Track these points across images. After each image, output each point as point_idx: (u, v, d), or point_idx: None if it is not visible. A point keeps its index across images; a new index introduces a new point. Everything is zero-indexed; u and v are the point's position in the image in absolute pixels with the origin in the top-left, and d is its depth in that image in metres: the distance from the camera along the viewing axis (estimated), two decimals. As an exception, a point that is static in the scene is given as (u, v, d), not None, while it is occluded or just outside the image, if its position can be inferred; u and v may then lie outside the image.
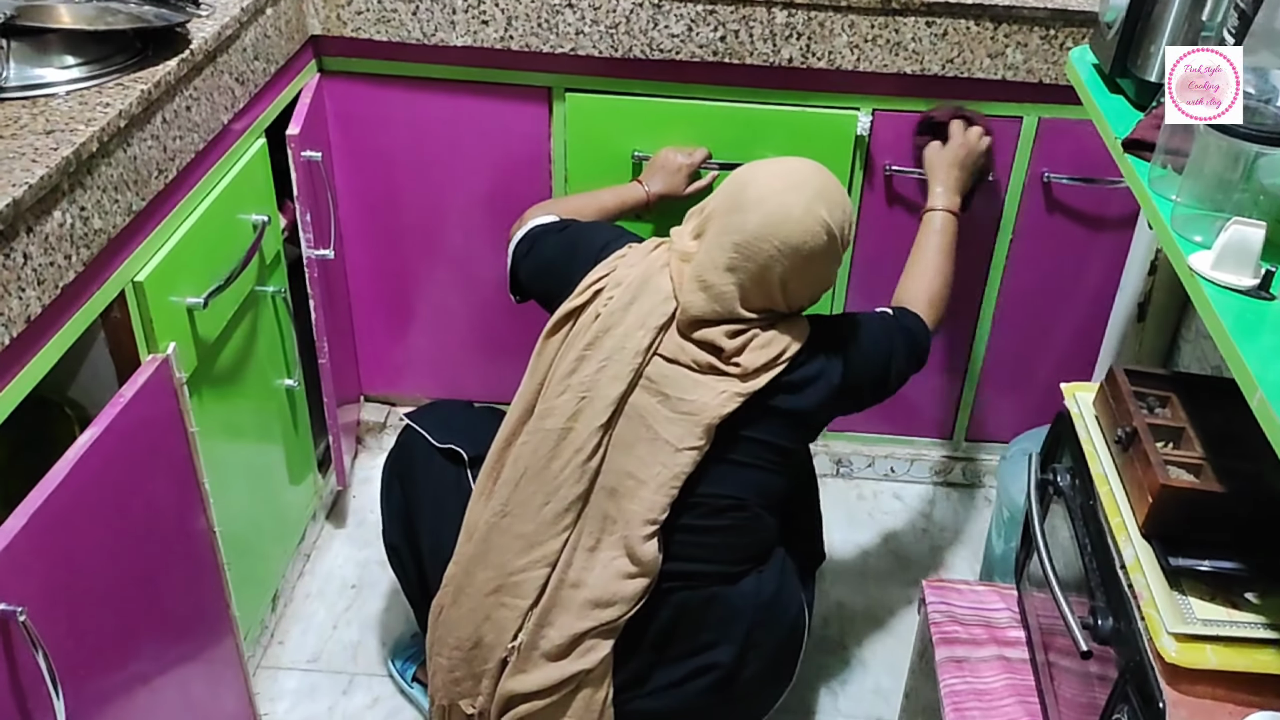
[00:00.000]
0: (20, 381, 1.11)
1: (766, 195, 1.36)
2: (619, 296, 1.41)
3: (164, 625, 1.38)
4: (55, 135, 1.16)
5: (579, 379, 1.39)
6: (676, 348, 1.39)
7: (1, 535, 1.07)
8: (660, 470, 1.38)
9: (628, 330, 1.39)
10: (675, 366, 1.39)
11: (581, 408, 1.39)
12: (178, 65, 1.36)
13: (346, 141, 1.93)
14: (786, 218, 1.34)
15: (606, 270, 1.45)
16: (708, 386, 1.37)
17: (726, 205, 1.39)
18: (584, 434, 1.39)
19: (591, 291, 1.44)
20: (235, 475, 1.63)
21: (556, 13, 1.77)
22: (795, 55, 1.78)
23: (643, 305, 1.40)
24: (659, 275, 1.41)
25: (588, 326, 1.41)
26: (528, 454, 1.41)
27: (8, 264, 1.06)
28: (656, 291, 1.40)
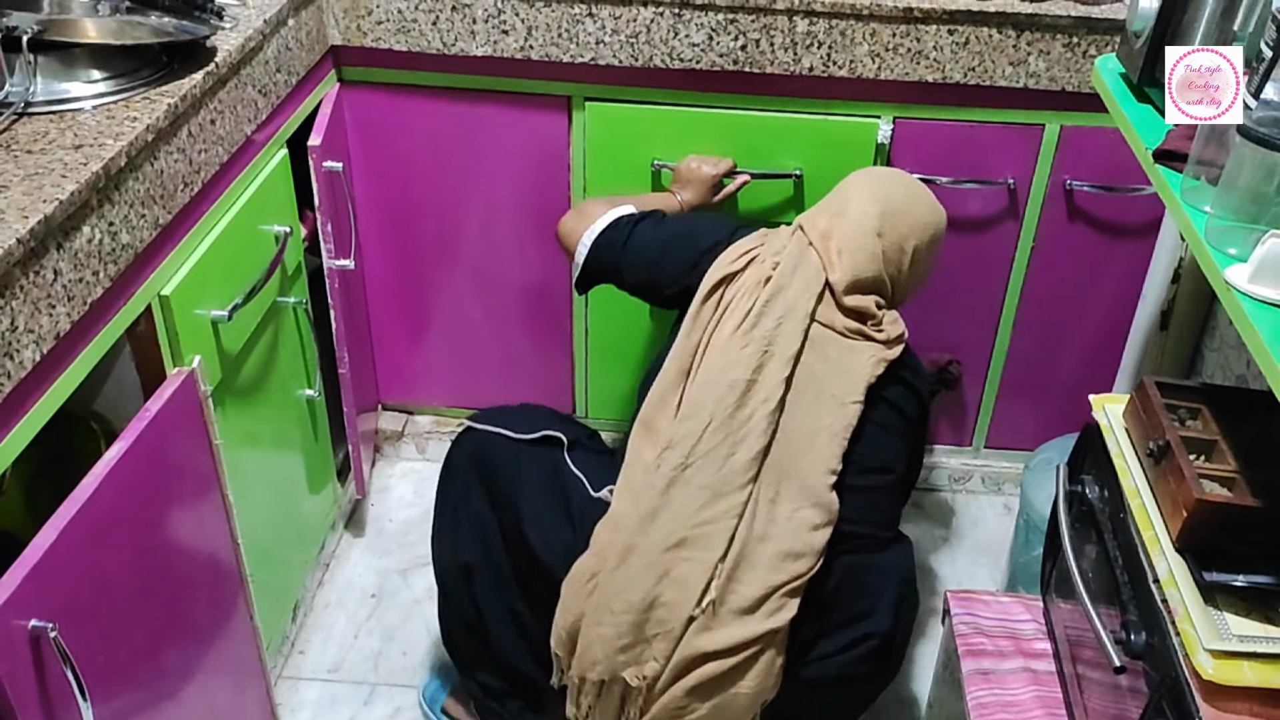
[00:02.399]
0: (50, 398, 1.11)
1: (903, 179, 1.61)
2: (785, 263, 1.48)
3: (188, 637, 1.38)
4: (84, 150, 1.16)
5: (760, 333, 1.44)
6: (831, 315, 1.48)
7: (32, 552, 1.07)
8: (832, 421, 1.43)
9: (797, 293, 1.46)
10: (831, 332, 1.47)
11: (765, 360, 1.43)
12: (203, 78, 1.36)
13: (366, 151, 1.93)
14: (922, 196, 1.59)
15: (757, 243, 1.53)
16: (859, 351, 1.47)
17: (866, 183, 1.57)
18: (770, 384, 1.42)
19: (746, 260, 1.50)
20: (257, 486, 1.63)
21: (577, 22, 1.77)
22: (816, 64, 1.78)
23: (805, 273, 1.48)
24: (808, 251, 1.50)
25: (753, 288, 1.47)
26: (711, 404, 1.42)
27: (38, 281, 1.06)
28: (810, 264, 1.49)
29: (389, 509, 2.15)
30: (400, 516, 2.13)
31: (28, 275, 1.04)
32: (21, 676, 1.04)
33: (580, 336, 2.11)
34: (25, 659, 1.04)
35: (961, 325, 2.03)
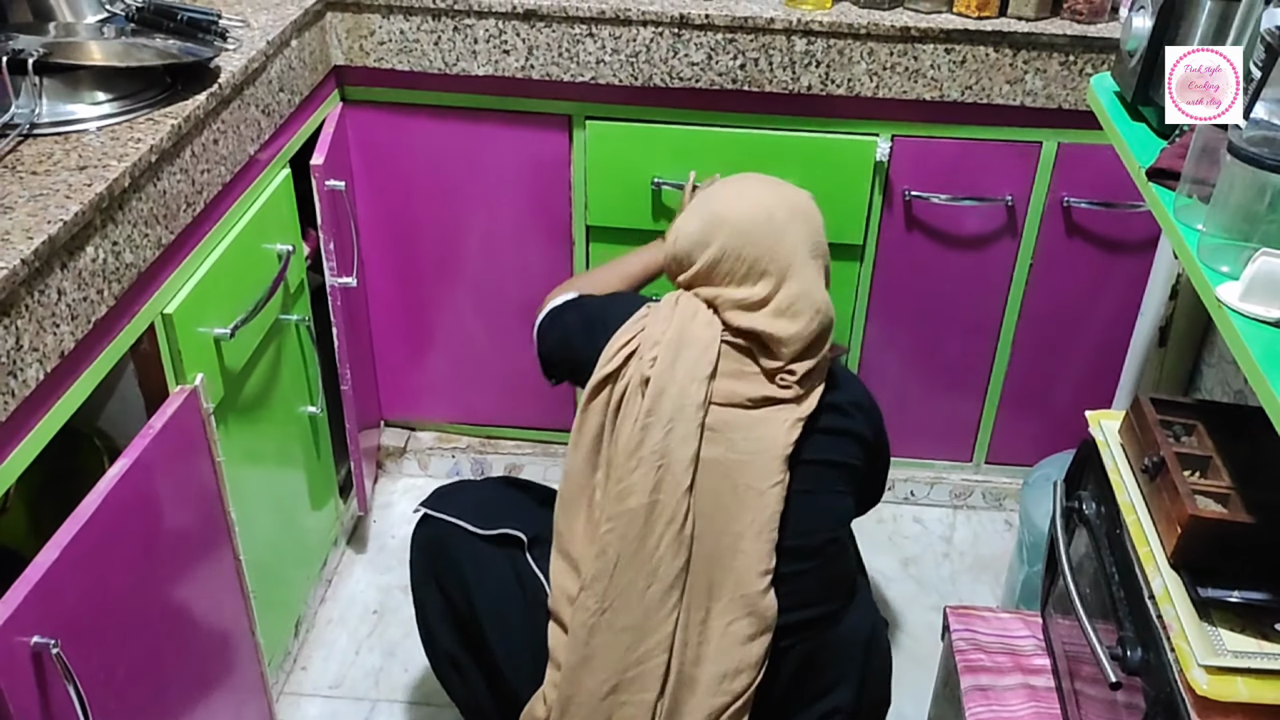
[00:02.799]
0: (54, 415, 1.12)
1: (769, 181, 1.46)
2: (663, 355, 1.34)
3: (191, 654, 1.39)
4: (88, 171, 1.18)
5: (649, 449, 1.32)
6: (731, 389, 1.35)
7: (35, 569, 1.07)
8: (754, 517, 1.32)
9: (682, 387, 1.33)
10: (733, 410, 1.34)
11: (661, 477, 1.32)
12: (206, 99, 1.37)
13: (369, 170, 1.94)
14: (788, 188, 1.45)
15: (634, 332, 1.39)
16: (769, 421, 1.34)
17: (727, 232, 1.37)
18: (671, 503, 1.32)
19: (624, 355, 1.37)
20: (259, 502, 1.64)
21: (577, 42, 1.78)
22: (815, 82, 1.79)
23: (688, 359, 1.34)
24: (692, 325, 1.36)
25: (636, 393, 1.35)
26: (615, 540, 1.33)
27: (42, 300, 1.07)
28: (695, 343, 1.35)
29: (391, 525, 2.15)
30: (402, 533, 2.14)
31: (32, 295, 1.05)
32: (24, 693, 1.04)
33: (581, 353, 2.12)
34: (27, 675, 1.05)
35: (961, 341, 2.04)
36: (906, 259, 1.96)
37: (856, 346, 2.06)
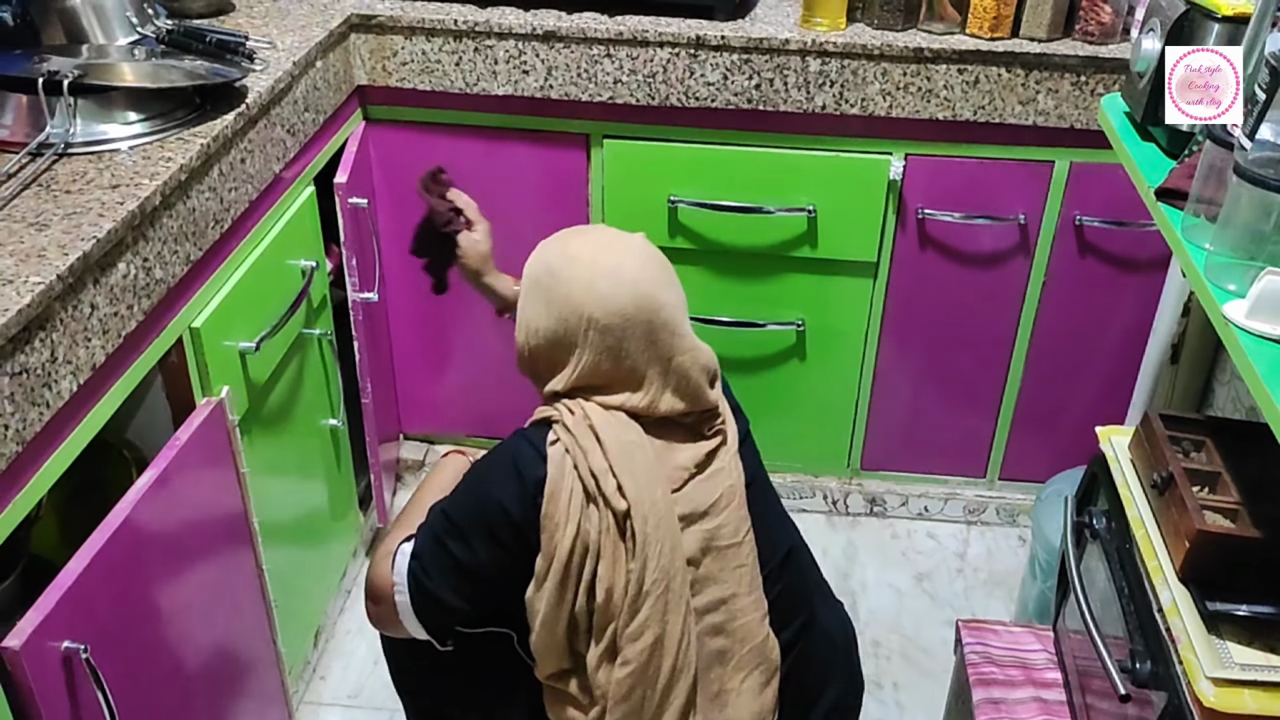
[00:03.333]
0: (85, 427, 1.16)
1: (594, 284, 1.21)
2: (626, 482, 1.19)
3: (214, 662, 1.42)
4: (121, 190, 1.21)
5: (651, 580, 1.20)
6: (675, 473, 1.23)
7: (66, 576, 1.10)
8: (742, 574, 1.26)
9: (654, 501, 1.19)
10: (690, 485, 1.24)
11: (667, 600, 1.21)
12: (234, 119, 1.41)
13: (391, 187, 1.98)
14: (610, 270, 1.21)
15: (566, 481, 1.19)
16: (719, 472, 1.26)
17: (623, 272, 1.20)
18: (679, 622, 1.22)
19: (576, 514, 1.19)
20: (281, 513, 1.67)
21: (595, 63, 1.82)
22: (829, 102, 1.82)
23: (643, 470, 1.20)
24: (623, 433, 1.21)
25: (612, 536, 1.20)
26: (637, 678, 1.22)
27: (76, 315, 1.10)
28: (635, 449, 1.21)
29: (409, 537, 2.18)
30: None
31: (66, 309, 1.08)
32: (54, 696, 1.07)
33: (598, 368, 2.14)
34: (58, 679, 1.08)
35: (974, 359, 2.06)
36: (920, 277, 1.98)
37: (870, 364, 2.08)
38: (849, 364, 2.08)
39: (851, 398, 2.12)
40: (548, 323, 1.21)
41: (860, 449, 2.19)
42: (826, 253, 1.96)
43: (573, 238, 1.27)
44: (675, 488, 1.23)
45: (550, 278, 1.22)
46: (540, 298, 1.22)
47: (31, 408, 1.04)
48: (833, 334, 2.05)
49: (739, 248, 1.97)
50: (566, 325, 1.20)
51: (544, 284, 1.22)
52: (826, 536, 2.20)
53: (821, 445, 2.19)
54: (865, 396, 2.12)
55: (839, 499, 2.24)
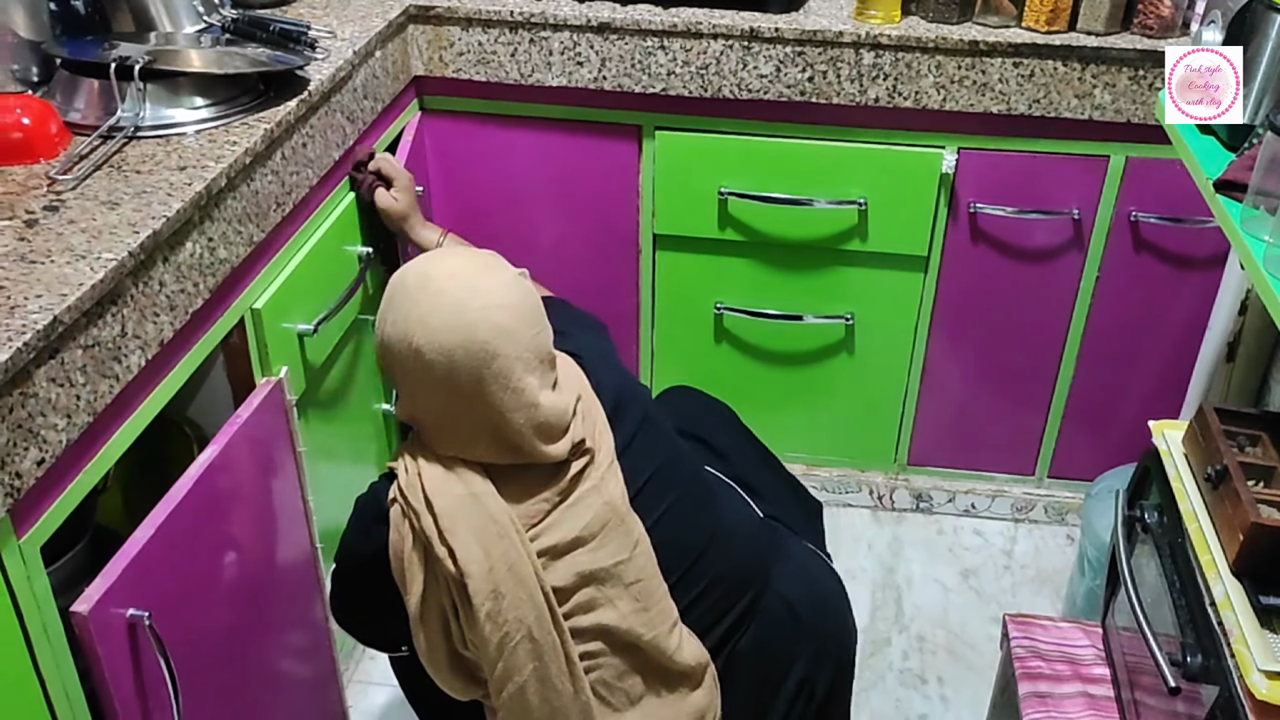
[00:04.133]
0: (152, 401, 1.19)
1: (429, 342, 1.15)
2: (464, 555, 1.15)
3: (269, 636, 1.45)
4: (188, 171, 1.24)
5: (509, 627, 1.17)
6: (537, 506, 1.19)
7: (131, 546, 1.14)
8: (638, 585, 1.21)
9: (494, 560, 1.16)
10: (552, 515, 1.20)
11: (529, 646, 1.18)
12: (297, 105, 1.44)
13: (444, 176, 2.01)
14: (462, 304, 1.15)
15: (405, 558, 1.19)
16: (590, 493, 1.20)
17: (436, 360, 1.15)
18: (554, 663, 1.19)
19: (420, 587, 1.19)
20: (334, 493, 1.70)
21: (649, 54, 1.83)
22: (882, 95, 1.82)
23: (470, 543, 1.15)
24: (472, 507, 1.17)
25: (462, 599, 1.17)
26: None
27: (146, 291, 1.13)
28: (477, 514, 1.17)
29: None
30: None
31: (137, 285, 1.12)
32: (119, 662, 1.11)
33: (646, 358, 2.16)
34: (123, 645, 1.11)
35: (1024, 354, 2.04)
36: (971, 271, 1.97)
37: (919, 359, 2.08)
38: (897, 359, 2.08)
39: (899, 393, 2.12)
40: (389, 338, 1.17)
41: (907, 444, 2.19)
42: (877, 246, 1.96)
43: (442, 259, 1.21)
44: (534, 523, 1.18)
45: (400, 292, 1.17)
46: (390, 314, 1.18)
47: (102, 380, 1.07)
48: (881, 328, 2.05)
49: (788, 240, 1.97)
50: (399, 348, 1.16)
51: (395, 297, 1.18)
52: (872, 531, 2.20)
53: (868, 440, 2.19)
54: (913, 392, 2.12)
55: (885, 494, 2.24)
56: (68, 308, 1.00)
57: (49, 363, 0.99)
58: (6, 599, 0.98)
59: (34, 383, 0.97)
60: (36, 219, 1.13)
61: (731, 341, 2.11)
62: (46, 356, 0.98)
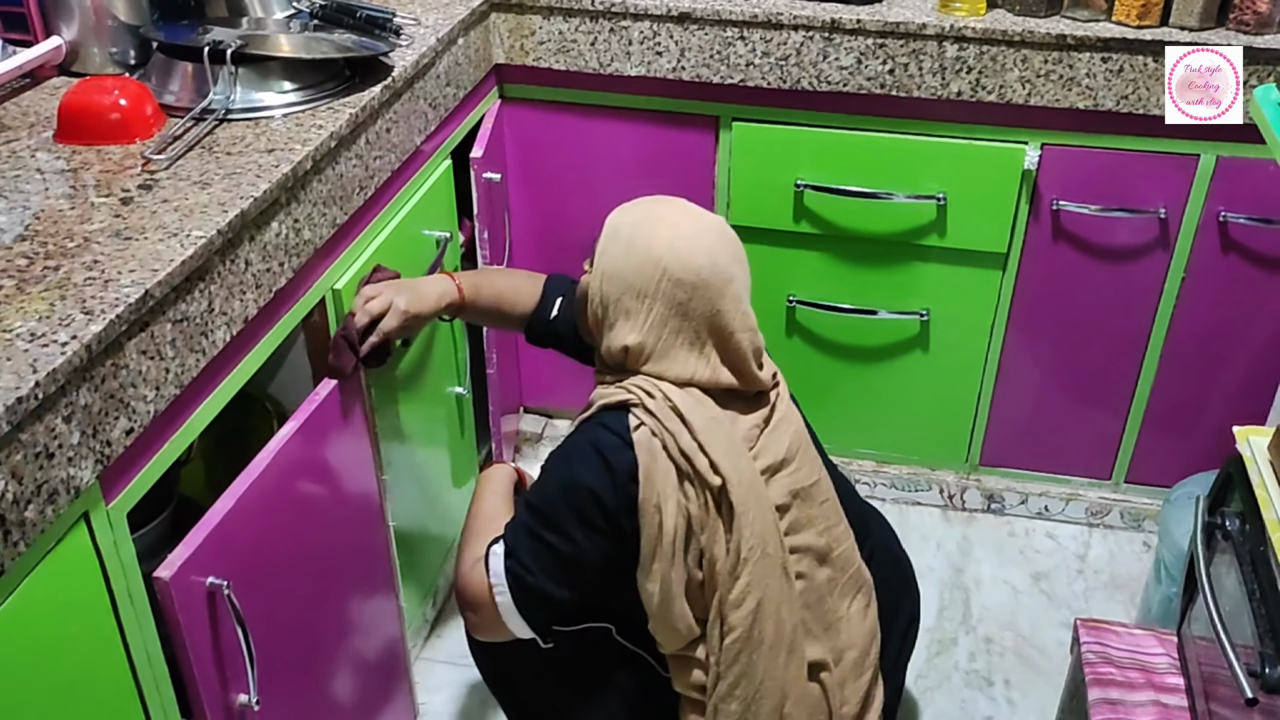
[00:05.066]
0: (235, 377, 1.22)
1: (664, 241, 1.28)
2: (719, 457, 1.25)
3: (340, 609, 1.48)
4: (276, 154, 1.28)
5: (748, 549, 1.25)
6: (751, 432, 1.31)
7: (212, 516, 1.17)
8: (828, 504, 1.36)
9: (742, 472, 1.26)
10: (761, 440, 1.31)
11: (765, 566, 1.26)
12: (381, 91, 1.46)
13: (523, 164, 2.03)
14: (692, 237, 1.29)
15: (658, 464, 1.24)
16: (783, 421, 1.34)
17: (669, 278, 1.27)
18: (778, 584, 1.28)
19: (673, 493, 1.25)
20: (406, 474, 1.73)
21: (728, 45, 1.83)
22: (964, 89, 1.79)
23: (723, 440, 1.26)
24: (699, 410, 1.27)
25: (707, 513, 1.25)
26: (742, 644, 1.27)
27: (233, 269, 1.17)
28: (715, 423, 1.27)
29: (525, 508, 2.23)
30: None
31: (224, 263, 1.15)
32: (198, 628, 1.14)
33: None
34: (202, 613, 1.15)
35: (1105, 356, 2.00)
36: (1051, 270, 1.93)
37: (994, 357, 2.04)
38: (972, 356, 2.05)
39: (973, 391, 2.09)
40: (624, 268, 1.28)
41: (980, 444, 2.16)
42: (954, 242, 1.93)
43: (659, 203, 1.35)
44: (749, 446, 1.30)
45: (632, 229, 1.30)
46: (620, 246, 1.29)
47: (189, 354, 1.11)
48: (957, 325, 2.02)
49: (864, 234, 1.96)
50: (642, 273, 1.27)
51: (625, 235, 1.30)
52: (941, 530, 2.17)
53: (939, 438, 2.17)
54: (988, 390, 2.08)
55: (955, 494, 2.21)
56: (158, 282, 1.03)
57: (140, 335, 1.02)
58: (95, 563, 1.02)
59: (125, 354, 1.00)
60: (132, 197, 1.17)
61: (803, 335, 2.10)
62: (138, 329, 1.02)
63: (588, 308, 1.34)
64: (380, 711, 1.66)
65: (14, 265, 1.04)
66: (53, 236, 1.09)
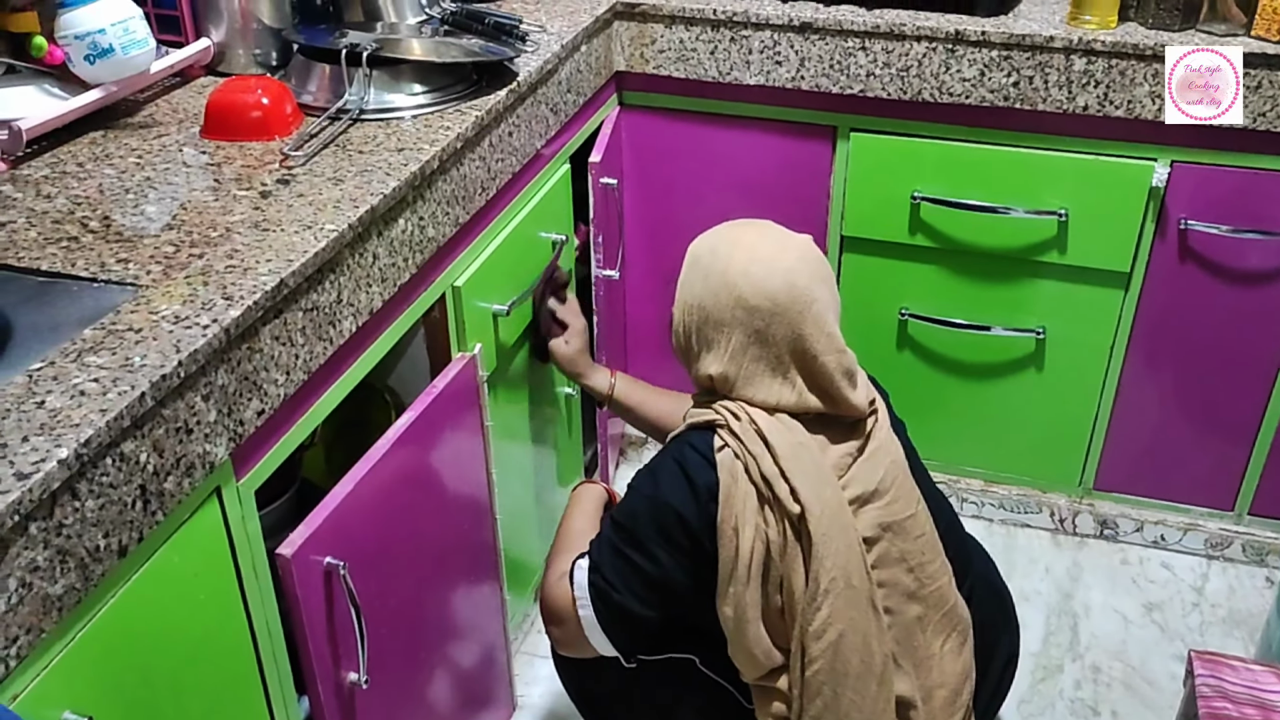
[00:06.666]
0: (359, 366, 1.27)
1: (748, 264, 1.27)
2: (799, 484, 1.22)
3: (448, 597, 1.52)
4: (405, 153, 1.32)
5: (828, 580, 1.22)
6: (842, 459, 1.28)
7: (332, 499, 1.22)
8: (923, 539, 1.30)
9: (825, 500, 1.23)
10: (853, 468, 1.28)
11: (847, 595, 1.23)
12: (506, 95, 1.50)
13: (638, 170, 2.05)
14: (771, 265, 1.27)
15: (738, 488, 1.24)
16: (878, 450, 1.30)
17: (759, 304, 1.25)
18: (864, 616, 1.25)
19: (752, 518, 1.24)
20: (514, 470, 1.77)
21: (849, 55, 1.82)
22: (1091, 103, 1.75)
23: (809, 467, 1.24)
24: (785, 435, 1.25)
25: (786, 539, 1.23)
26: (826, 676, 1.25)
27: (361, 262, 1.21)
28: (803, 449, 1.25)
29: (628, 510, 2.25)
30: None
31: (354, 256, 1.20)
32: (315, 606, 1.19)
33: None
34: (319, 590, 1.19)
35: (1231, 382, 1.93)
36: (1177, 291, 1.87)
37: (1113, 379, 1.99)
38: (1090, 377, 2.00)
39: (1089, 413, 2.04)
40: (702, 297, 1.28)
41: (1094, 468, 2.10)
42: (1075, 259, 1.89)
43: (739, 226, 1.33)
44: (839, 474, 1.27)
45: (710, 256, 1.29)
46: (699, 274, 1.29)
47: (318, 342, 1.16)
48: (1075, 345, 1.98)
49: (981, 248, 1.93)
50: (718, 300, 1.26)
51: (704, 262, 1.30)
52: (1050, 555, 2.12)
53: (1052, 460, 2.12)
54: (1105, 413, 2.03)
55: (1067, 518, 2.15)
56: (293, 272, 1.08)
57: (273, 322, 1.07)
58: (223, 536, 1.07)
59: (260, 339, 1.06)
60: (270, 190, 1.23)
61: (915, 349, 2.07)
62: (272, 316, 1.07)
63: (673, 339, 1.34)
64: (480, 701, 1.69)
65: (161, 252, 1.10)
66: (197, 226, 1.15)
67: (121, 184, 1.24)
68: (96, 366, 0.92)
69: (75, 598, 0.86)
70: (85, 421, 0.85)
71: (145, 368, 0.92)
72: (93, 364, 0.92)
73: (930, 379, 2.09)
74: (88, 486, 0.86)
